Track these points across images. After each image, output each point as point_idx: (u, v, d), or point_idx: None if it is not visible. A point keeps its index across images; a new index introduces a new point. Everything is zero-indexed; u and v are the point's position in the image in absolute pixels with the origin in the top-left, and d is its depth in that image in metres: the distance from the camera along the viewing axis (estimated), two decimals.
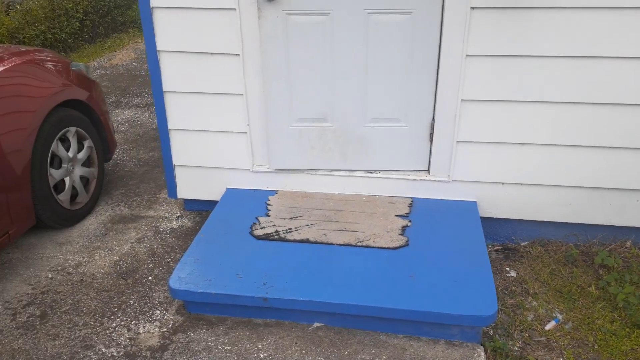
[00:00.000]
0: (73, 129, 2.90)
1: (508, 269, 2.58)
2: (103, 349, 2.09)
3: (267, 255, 2.33)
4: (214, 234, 2.50)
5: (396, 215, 2.60)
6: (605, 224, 2.66)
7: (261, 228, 2.53)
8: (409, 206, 2.68)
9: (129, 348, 2.10)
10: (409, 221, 2.55)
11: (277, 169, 2.82)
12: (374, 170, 2.77)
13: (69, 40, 6.94)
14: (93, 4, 7.41)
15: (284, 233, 2.48)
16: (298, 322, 2.19)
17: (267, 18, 2.46)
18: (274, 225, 2.54)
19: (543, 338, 2.16)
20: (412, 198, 2.75)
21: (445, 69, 2.46)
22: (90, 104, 3.05)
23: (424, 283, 2.14)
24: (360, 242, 2.40)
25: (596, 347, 2.11)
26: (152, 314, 2.28)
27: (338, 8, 2.42)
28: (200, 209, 3.09)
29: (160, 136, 2.82)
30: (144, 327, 2.20)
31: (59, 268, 2.60)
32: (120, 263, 2.64)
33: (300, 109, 2.66)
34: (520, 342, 2.14)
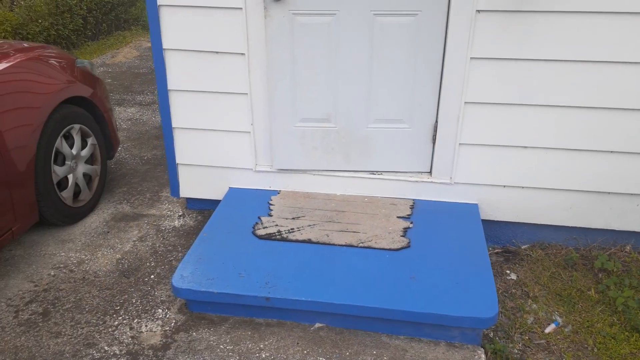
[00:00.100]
0: (77, 126, 2.91)
1: (508, 271, 2.60)
2: (105, 347, 2.10)
3: (269, 255, 2.34)
4: (216, 233, 2.51)
5: (398, 217, 2.61)
6: (605, 228, 2.67)
7: (264, 228, 2.53)
8: (410, 208, 2.69)
9: (131, 346, 2.10)
10: (411, 223, 2.56)
11: (279, 169, 2.82)
12: (376, 172, 2.78)
13: (72, 37, 6.94)
14: (97, 1, 7.42)
15: (286, 233, 2.49)
16: (300, 322, 2.20)
17: (274, 18, 2.47)
18: (277, 225, 2.55)
19: (543, 341, 2.17)
20: (413, 200, 2.76)
21: (449, 71, 2.47)
22: (94, 101, 3.06)
23: (425, 284, 2.15)
24: (362, 243, 2.41)
25: (595, 350, 2.13)
26: (155, 312, 2.29)
27: (344, 9, 2.43)
28: (202, 208, 3.10)
29: (164, 134, 2.83)
30: (146, 326, 2.21)
31: (61, 266, 2.61)
32: (123, 261, 2.64)
33: (304, 109, 2.67)
34: (520, 345, 2.15)
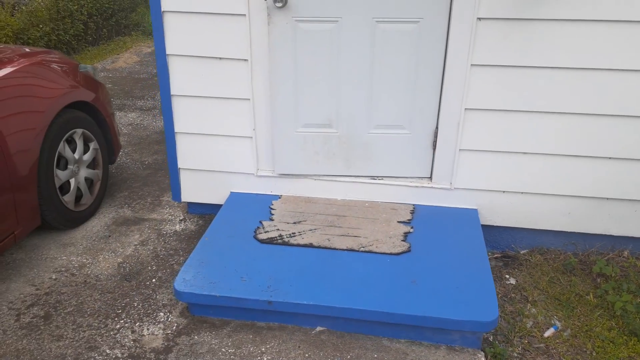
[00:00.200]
0: (80, 131, 2.93)
1: (507, 276, 2.62)
2: (107, 350, 2.11)
3: (271, 259, 2.35)
4: (218, 237, 2.52)
5: (398, 222, 2.63)
6: (603, 233, 2.70)
7: (265, 232, 2.55)
8: (411, 213, 2.71)
9: (133, 350, 2.11)
10: (411, 227, 2.58)
11: (281, 174, 2.84)
12: (377, 177, 2.81)
13: (72, 42, 6.96)
14: (97, 6, 7.45)
15: (287, 237, 2.50)
16: (301, 325, 2.21)
17: (277, 24, 2.50)
18: (278, 230, 2.57)
19: (542, 345, 2.19)
20: (414, 205, 2.78)
21: (450, 77, 2.50)
22: (96, 106, 3.08)
23: (425, 288, 2.17)
24: (363, 247, 2.43)
25: (594, 354, 2.14)
26: (156, 316, 2.30)
27: (347, 16, 2.46)
28: (203, 212, 3.11)
29: (166, 139, 2.85)
30: (148, 329, 2.22)
31: (63, 269, 2.62)
32: (124, 265, 2.65)
33: (305, 114, 2.69)
34: (519, 349, 2.17)
